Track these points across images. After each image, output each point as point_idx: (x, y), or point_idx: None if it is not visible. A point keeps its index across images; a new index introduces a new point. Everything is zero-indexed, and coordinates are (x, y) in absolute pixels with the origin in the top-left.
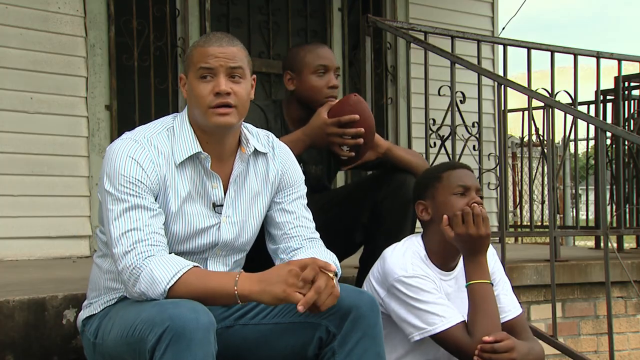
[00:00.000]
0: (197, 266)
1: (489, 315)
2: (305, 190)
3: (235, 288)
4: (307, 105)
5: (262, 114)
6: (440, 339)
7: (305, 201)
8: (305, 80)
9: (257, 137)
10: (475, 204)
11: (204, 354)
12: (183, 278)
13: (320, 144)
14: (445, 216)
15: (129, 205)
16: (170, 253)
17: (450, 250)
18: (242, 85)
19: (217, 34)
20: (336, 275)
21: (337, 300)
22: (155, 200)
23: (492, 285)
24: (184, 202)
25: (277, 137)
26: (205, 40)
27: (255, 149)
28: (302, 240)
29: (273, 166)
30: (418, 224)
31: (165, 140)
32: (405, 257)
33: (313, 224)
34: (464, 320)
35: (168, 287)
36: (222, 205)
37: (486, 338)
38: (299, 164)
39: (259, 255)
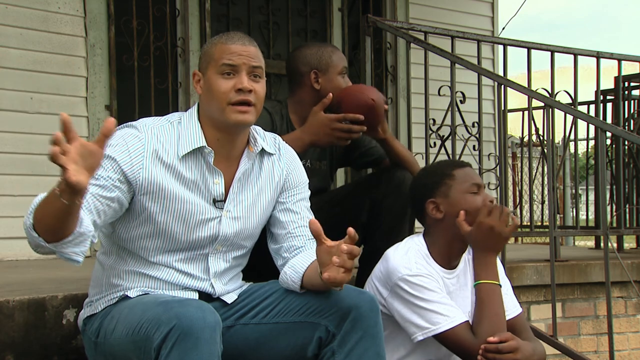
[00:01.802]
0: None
1: (495, 315)
2: (309, 193)
3: (56, 189)
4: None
5: (268, 116)
6: (443, 338)
7: (309, 204)
8: (332, 80)
9: (264, 138)
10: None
11: (210, 353)
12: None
13: (325, 141)
14: (462, 211)
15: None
16: (172, 248)
17: (455, 249)
18: (261, 84)
19: (238, 33)
20: None
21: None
22: (129, 183)
23: (501, 286)
24: (184, 194)
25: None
26: (227, 38)
27: (262, 148)
28: (306, 240)
29: (279, 167)
30: (417, 223)
31: (169, 132)
32: (408, 256)
33: None
34: (468, 320)
35: (30, 211)
36: (222, 201)
37: (491, 338)
38: (305, 161)
39: (260, 257)
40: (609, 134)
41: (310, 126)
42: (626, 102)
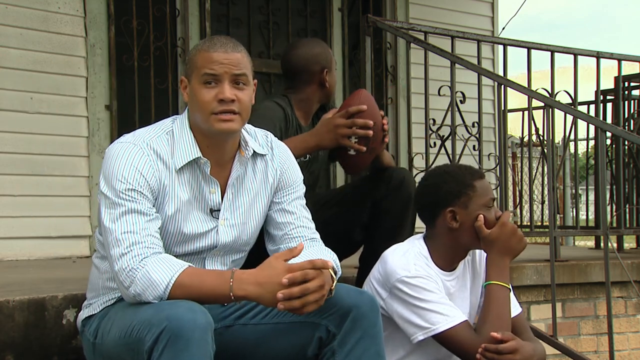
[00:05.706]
0: (191, 266)
1: (501, 317)
2: (304, 190)
3: (232, 294)
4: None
5: (282, 113)
6: (443, 338)
7: (304, 201)
8: (334, 76)
9: (255, 137)
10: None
11: (201, 354)
12: (178, 280)
13: (328, 141)
14: (481, 215)
15: (125, 210)
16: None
17: (458, 255)
18: (246, 91)
19: (221, 39)
20: (335, 273)
21: (318, 307)
22: (154, 205)
23: (510, 290)
24: (182, 207)
25: (293, 133)
26: (209, 45)
27: (254, 150)
28: (303, 240)
29: (272, 167)
30: (418, 223)
31: (165, 144)
32: (407, 257)
33: (313, 224)
34: (467, 320)
35: (168, 290)
36: (219, 210)
37: (494, 334)
38: None
39: (259, 257)
40: (609, 134)
41: (314, 129)
42: (626, 102)
